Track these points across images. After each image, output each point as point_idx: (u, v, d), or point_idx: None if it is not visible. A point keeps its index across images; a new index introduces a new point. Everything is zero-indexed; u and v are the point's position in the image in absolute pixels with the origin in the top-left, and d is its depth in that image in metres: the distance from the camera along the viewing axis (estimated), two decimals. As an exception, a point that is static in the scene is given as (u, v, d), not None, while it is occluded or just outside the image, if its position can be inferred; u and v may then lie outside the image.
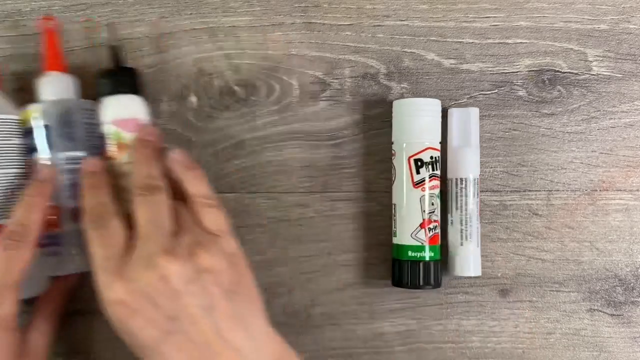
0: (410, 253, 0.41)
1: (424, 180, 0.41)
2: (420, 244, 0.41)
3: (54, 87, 0.39)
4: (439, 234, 0.42)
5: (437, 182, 0.41)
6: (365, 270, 0.44)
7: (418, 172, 0.41)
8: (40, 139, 0.39)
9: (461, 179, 0.42)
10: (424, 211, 0.41)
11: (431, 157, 0.41)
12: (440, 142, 0.42)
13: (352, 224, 0.44)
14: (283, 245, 0.44)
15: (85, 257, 0.36)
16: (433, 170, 0.41)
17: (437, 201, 0.41)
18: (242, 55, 0.44)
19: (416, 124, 0.41)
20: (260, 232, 0.44)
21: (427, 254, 0.41)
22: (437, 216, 0.41)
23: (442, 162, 0.43)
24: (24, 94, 0.42)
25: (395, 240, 0.42)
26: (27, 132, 0.39)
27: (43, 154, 0.39)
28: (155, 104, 0.44)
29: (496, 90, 0.44)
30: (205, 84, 0.44)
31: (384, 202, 0.43)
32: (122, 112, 0.39)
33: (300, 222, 0.44)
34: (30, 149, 0.39)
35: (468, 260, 0.42)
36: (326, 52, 0.44)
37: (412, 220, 0.41)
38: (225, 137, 0.44)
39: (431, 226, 0.41)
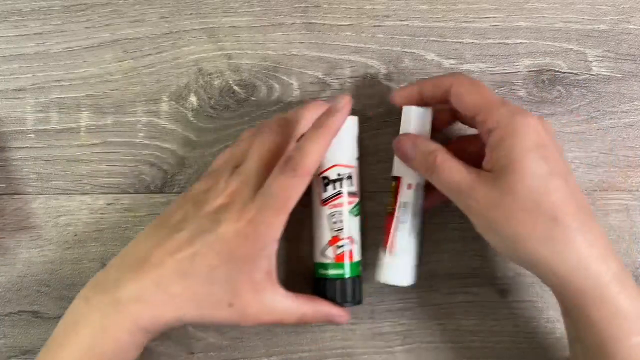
0: (320, 271, 0.41)
1: (331, 198, 0.40)
2: (328, 261, 0.40)
3: None
4: (352, 250, 0.41)
5: (348, 199, 0.40)
6: (365, 270, 0.44)
7: (325, 190, 0.40)
8: None
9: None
10: (332, 229, 0.40)
11: (338, 175, 0.40)
12: (357, 158, 0.41)
13: (352, 224, 0.44)
14: (283, 245, 0.44)
15: None
16: (341, 187, 0.40)
17: (349, 218, 0.40)
18: (242, 55, 0.44)
19: None
20: (260, 232, 0.44)
21: (336, 272, 0.40)
22: (346, 234, 0.40)
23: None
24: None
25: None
26: None
27: None
28: (156, 104, 0.44)
29: (496, 91, 0.44)
30: (205, 84, 0.44)
31: (384, 202, 0.43)
32: None
33: (300, 222, 0.44)
34: None
35: (397, 268, 0.40)
36: (326, 52, 0.44)
37: (321, 237, 0.41)
38: (225, 137, 0.44)
39: (339, 244, 0.40)
